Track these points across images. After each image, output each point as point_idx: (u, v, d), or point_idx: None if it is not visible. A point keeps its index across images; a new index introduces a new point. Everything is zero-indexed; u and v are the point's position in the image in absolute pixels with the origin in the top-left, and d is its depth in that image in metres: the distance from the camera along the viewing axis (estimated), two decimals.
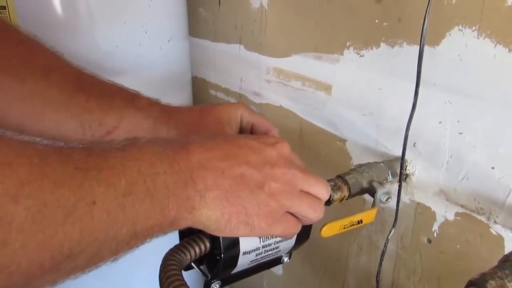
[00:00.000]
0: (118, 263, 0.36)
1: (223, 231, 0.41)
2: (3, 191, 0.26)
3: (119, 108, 0.57)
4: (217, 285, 0.49)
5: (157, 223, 0.36)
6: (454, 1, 0.58)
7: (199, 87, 1.25)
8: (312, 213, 0.45)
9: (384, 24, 0.68)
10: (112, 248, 0.33)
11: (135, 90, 0.60)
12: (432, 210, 0.69)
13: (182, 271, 0.43)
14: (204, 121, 0.57)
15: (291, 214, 0.45)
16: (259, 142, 0.44)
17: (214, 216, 0.40)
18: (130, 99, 0.58)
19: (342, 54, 0.77)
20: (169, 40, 1.02)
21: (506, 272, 0.44)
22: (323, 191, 0.46)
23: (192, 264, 0.48)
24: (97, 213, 0.31)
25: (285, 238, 0.50)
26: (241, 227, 0.41)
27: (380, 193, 0.61)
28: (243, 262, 0.48)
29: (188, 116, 0.59)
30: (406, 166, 0.69)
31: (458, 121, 0.61)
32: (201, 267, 0.50)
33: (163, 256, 0.44)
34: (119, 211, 0.32)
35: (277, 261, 0.54)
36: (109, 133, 0.56)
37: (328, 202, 0.59)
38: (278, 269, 1.15)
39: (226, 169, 0.40)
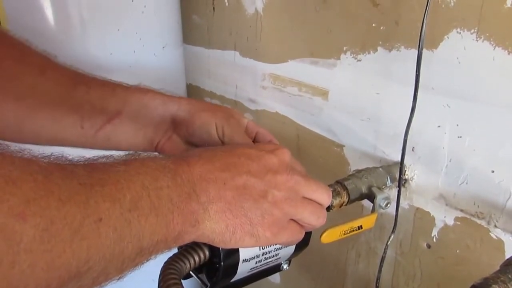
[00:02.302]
0: None
1: (228, 244, 0.40)
2: (9, 210, 0.25)
3: (123, 94, 0.56)
4: None
5: (162, 239, 0.35)
6: (452, 3, 0.58)
7: (194, 95, 1.25)
8: (315, 219, 0.45)
9: (381, 28, 0.68)
10: (118, 265, 0.33)
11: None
12: (432, 215, 0.68)
13: (181, 280, 0.43)
14: (219, 108, 0.57)
15: (294, 221, 0.44)
16: (259, 150, 0.44)
17: (218, 228, 0.39)
18: (134, 87, 0.57)
19: (339, 59, 0.77)
20: (163, 47, 1.01)
21: (509, 276, 0.44)
22: (325, 197, 0.46)
23: (191, 272, 0.47)
24: (103, 229, 0.30)
25: (288, 245, 0.49)
26: (246, 239, 0.41)
27: (379, 198, 0.61)
28: (243, 270, 0.48)
29: (199, 101, 0.58)
30: (405, 171, 0.69)
31: (457, 125, 0.61)
32: (200, 275, 0.49)
33: (162, 265, 0.44)
34: (125, 227, 0.32)
35: (276, 268, 0.54)
36: (110, 120, 0.55)
37: (328, 208, 0.58)
38: (275, 278, 1.14)
39: (227, 180, 0.40)
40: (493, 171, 0.58)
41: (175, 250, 0.46)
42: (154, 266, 0.41)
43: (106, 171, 0.33)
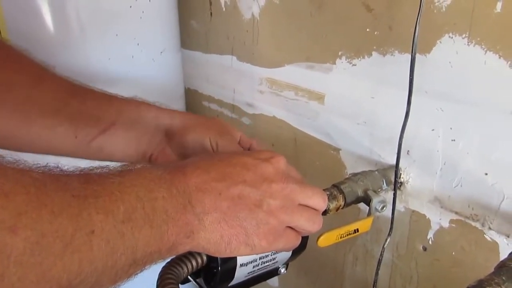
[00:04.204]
0: None
1: (224, 253, 0.41)
2: (1, 223, 0.25)
3: (118, 105, 0.56)
4: None
5: (156, 250, 0.35)
6: (444, 9, 0.58)
7: (192, 99, 1.25)
8: (311, 225, 0.45)
9: (375, 33, 0.68)
10: (111, 277, 0.33)
11: None
12: (427, 217, 0.69)
13: (179, 284, 0.43)
14: (211, 121, 0.57)
15: (290, 228, 0.45)
16: (254, 158, 0.44)
17: (213, 239, 0.39)
18: (129, 99, 0.58)
19: (335, 64, 0.77)
20: (161, 52, 1.02)
21: (503, 278, 0.44)
22: (320, 202, 0.46)
23: (189, 277, 0.47)
24: (96, 242, 0.30)
25: (285, 251, 0.50)
26: (241, 248, 0.41)
27: (375, 201, 0.61)
28: (240, 274, 0.48)
29: (193, 115, 0.59)
30: (400, 174, 0.69)
31: (451, 128, 0.62)
32: (198, 280, 0.50)
33: (160, 270, 0.44)
34: (118, 239, 0.32)
35: (274, 272, 0.54)
36: (104, 130, 0.55)
37: (324, 212, 0.59)
38: (274, 281, 1.14)
39: (223, 190, 0.40)
40: (486, 174, 0.59)
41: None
42: (151, 271, 0.42)
43: (100, 182, 0.33)
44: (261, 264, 0.50)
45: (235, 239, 0.40)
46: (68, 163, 0.36)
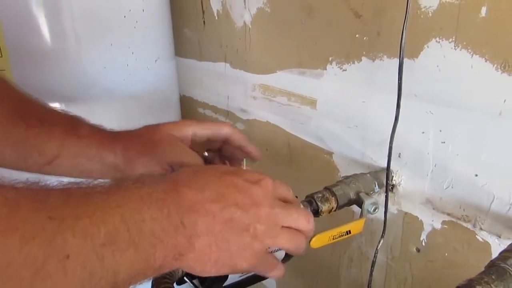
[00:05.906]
0: None
1: (208, 273, 0.40)
2: None
3: (60, 137, 0.54)
4: None
5: (141, 272, 0.34)
6: (430, 14, 0.59)
7: (187, 106, 1.26)
8: (293, 247, 0.45)
9: (364, 38, 0.70)
10: None
11: (78, 116, 0.58)
12: (420, 219, 0.70)
13: (175, 284, 0.44)
14: (154, 140, 0.55)
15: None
16: (245, 181, 0.43)
17: (201, 260, 0.39)
18: (71, 128, 0.56)
19: (325, 69, 0.78)
20: (155, 61, 1.03)
21: (493, 277, 0.45)
22: (304, 223, 0.46)
23: (185, 278, 0.48)
24: (70, 267, 0.29)
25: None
26: (225, 268, 0.41)
27: (367, 203, 0.62)
28: (234, 274, 0.49)
29: (135, 137, 0.56)
30: (392, 176, 0.70)
31: (440, 131, 0.63)
32: (194, 281, 0.50)
33: None
34: (97, 263, 0.30)
35: None
36: (50, 162, 0.54)
37: (317, 214, 0.60)
38: (271, 283, 1.14)
39: (217, 212, 0.39)
40: (476, 175, 0.60)
41: None
42: None
43: (82, 202, 0.32)
44: None
45: (222, 260, 0.40)
46: (51, 179, 0.34)
